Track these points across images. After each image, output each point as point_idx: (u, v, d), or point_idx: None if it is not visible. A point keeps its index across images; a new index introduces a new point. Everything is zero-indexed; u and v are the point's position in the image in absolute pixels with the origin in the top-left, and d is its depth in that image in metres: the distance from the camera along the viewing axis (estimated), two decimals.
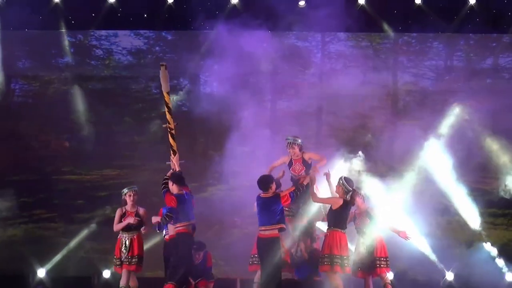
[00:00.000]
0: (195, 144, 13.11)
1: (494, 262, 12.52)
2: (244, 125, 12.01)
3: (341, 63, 13.16)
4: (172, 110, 10.28)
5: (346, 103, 12.93)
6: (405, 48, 13.32)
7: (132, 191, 10.21)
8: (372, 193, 11.33)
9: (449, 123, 13.01)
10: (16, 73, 13.56)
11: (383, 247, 10.04)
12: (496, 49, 13.34)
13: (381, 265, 9.92)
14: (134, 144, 13.58)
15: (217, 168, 12.18)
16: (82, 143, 13.41)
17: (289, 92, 13.14)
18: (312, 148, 11.53)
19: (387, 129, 13.12)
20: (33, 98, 13.57)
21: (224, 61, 12.67)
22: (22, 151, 13.40)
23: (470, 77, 13.12)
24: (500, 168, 13.10)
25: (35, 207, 13.14)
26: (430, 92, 13.22)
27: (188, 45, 13.35)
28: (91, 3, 13.16)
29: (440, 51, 13.29)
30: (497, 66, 13.27)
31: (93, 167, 13.19)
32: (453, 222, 12.77)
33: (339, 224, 9.55)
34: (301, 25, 12.74)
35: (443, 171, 12.73)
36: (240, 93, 12.23)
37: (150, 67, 13.38)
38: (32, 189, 13.33)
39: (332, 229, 9.54)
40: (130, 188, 10.25)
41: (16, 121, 13.36)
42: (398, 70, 13.27)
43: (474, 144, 13.00)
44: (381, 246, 10.02)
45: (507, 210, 13.02)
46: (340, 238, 9.59)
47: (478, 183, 13.01)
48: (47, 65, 13.58)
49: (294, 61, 12.94)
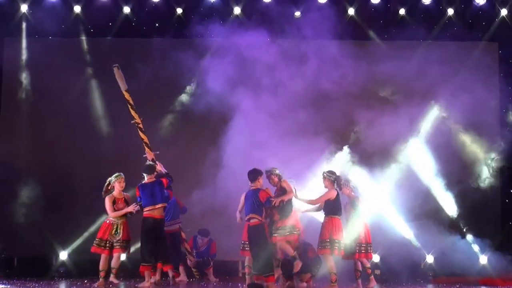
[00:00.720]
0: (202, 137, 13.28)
1: (470, 246, 12.99)
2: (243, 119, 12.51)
3: (332, 66, 12.94)
4: (134, 106, 10.72)
5: (336, 102, 13.10)
6: (390, 53, 13.24)
7: (120, 178, 10.52)
8: (360, 184, 11.79)
9: (429, 120, 13.38)
10: (39, 76, 13.65)
11: (367, 234, 10.54)
12: (470, 54, 13.56)
13: (361, 250, 10.44)
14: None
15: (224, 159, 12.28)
16: (99, 140, 13.54)
17: (285, 91, 13.06)
18: (304, 143, 12.05)
19: (373, 125, 13.20)
20: (55, 98, 13.51)
21: (225, 63, 12.88)
22: (48, 143, 13.57)
23: (448, 79, 13.16)
24: (474, 160, 13.45)
25: (58, 193, 13.24)
26: (412, 92, 13.16)
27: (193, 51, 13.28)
28: (108, 13, 13.49)
29: (421, 56, 13.33)
30: (470, 69, 13.22)
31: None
32: (433, 210, 13.05)
33: (336, 212, 10.24)
34: (297, 33, 13.02)
35: (423, 163, 13.15)
36: (239, 91, 12.66)
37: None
38: (55, 176, 13.49)
39: (331, 216, 10.18)
40: (118, 175, 10.53)
41: (40, 119, 13.58)
42: (382, 74, 13.22)
43: (450, 139, 13.41)
44: (366, 233, 10.53)
45: (481, 199, 13.18)
46: (337, 223, 10.26)
47: (455, 174, 13.19)
48: (67, 69, 13.56)
49: (289, 63, 12.95)
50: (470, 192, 13.26)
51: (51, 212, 13.05)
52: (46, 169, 13.60)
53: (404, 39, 13.35)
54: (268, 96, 12.78)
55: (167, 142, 13.21)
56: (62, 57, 13.38)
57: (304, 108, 12.97)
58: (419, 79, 13.22)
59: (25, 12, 13.48)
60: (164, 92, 13.78)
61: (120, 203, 10.48)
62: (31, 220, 13.15)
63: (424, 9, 13.51)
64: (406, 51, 13.35)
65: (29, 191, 13.32)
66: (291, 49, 13.04)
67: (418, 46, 13.58)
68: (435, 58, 13.15)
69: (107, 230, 10.44)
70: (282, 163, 10.93)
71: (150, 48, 13.41)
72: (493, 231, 13.27)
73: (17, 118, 13.79)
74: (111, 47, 13.77)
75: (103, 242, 10.36)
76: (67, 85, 13.56)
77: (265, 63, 12.83)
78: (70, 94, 13.56)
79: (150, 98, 13.33)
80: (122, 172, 10.66)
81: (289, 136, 12.35)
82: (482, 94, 13.07)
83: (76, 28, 13.68)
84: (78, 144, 13.55)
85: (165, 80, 13.44)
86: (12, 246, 13.23)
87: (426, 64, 13.19)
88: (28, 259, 13.21)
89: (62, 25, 13.57)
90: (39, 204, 13.24)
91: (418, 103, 13.21)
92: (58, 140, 13.58)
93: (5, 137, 13.71)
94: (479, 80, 13.12)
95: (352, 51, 13.02)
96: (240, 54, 12.87)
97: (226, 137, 12.44)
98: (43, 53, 13.44)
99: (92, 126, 13.58)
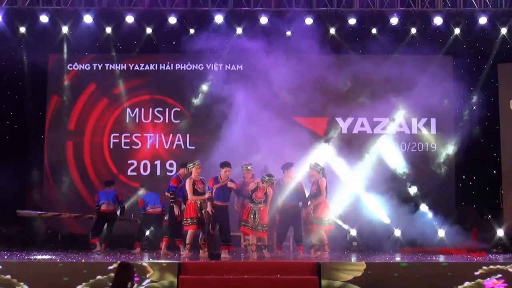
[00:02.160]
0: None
1: (430, 222, 13.75)
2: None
3: (318, 72, 13.71)
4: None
5: (316, 103, 14.05)
6: (363, 64, 14.03)
7: (198, 165, 11.39)
8: (339, 172, 13.40)
9: (397, 117, 14.49)
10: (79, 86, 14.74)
11: (322, 210, 11.54)
12: (429, 65, 14.29)
13: (312, 223, 11.52)
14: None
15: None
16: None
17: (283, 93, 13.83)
18: (288, 138, 13.05)
19: (349, 123, 14.49)
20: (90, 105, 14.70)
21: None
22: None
23: (411, 85, 14.00)
24: (432, 152, 14.58)
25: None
26: (382, 95, 14.04)
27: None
28: (134, 34, 14.44)
29: (390, 66, 13.92)
30: (429, 77, 14.10)
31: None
32: (401, 192, 13.89)
33: (327, 195, 11.62)
34: (289, 47, 13.79)
35: (390, 154, 14.29)
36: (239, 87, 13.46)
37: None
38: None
39: (324, 199, 11.54)
40: (195, 162, 11.40)
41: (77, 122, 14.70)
42: (357, 80, 14.23)
43: (413, 134, 14.61)
44: (322, 208, 11.54)
45: (439, 183, 14.19)
46: (328, 205, 11.67)
47: (416, 162, 14.25)
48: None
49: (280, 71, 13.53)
50: (430, 177, 14.19)
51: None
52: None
53: (375, 53, 14.15)
54: (259, 92, 13.41)
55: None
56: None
57: (290, 98, 13.86)
58: (388, 84, 14.02)
59: (65, 32, 14.38)
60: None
61: (199, 184, 11.31)
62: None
63: (392, 28, 14.29)
64: (378, 62, 14.11)
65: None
66: (283, 62, 13.58)
67: (387, 59, 14.29)
68: (401, 68, 13.77)
69: (193, 209, 11.26)
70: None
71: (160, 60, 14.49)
72: (449, 210, 14.09)
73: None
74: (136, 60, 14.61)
75: (194, 219, 11.21)
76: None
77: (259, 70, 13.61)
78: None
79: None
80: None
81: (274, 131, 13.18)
82: (440, 97, 14.18)
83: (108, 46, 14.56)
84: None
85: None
86: (56, 224, 14.20)
87: (394, 73, 13.74)
88: (71, 234, 14.10)
89: (96, 43, 14.54)
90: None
91: (387, 104, 14.13)
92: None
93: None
94: (437, 86, 14.06)
95: (333, 62, 13.91)
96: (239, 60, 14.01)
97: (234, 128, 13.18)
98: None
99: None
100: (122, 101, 14.90)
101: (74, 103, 14.83)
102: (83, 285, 10.05)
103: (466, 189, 14.65)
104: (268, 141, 12.99)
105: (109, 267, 10.05)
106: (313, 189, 11.76)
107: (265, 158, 12.14)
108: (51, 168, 14.67)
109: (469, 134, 14.42)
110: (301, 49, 13.75)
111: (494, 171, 14.49)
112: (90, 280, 10.04)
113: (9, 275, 10.06)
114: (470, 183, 14.71)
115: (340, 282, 9.98)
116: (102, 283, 9.92)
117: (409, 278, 10.07)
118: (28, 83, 14.69)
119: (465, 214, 14.22)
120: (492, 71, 14.45)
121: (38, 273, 10.10)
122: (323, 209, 11.61)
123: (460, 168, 14.64)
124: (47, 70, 14.83)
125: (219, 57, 14.53)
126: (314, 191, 11.71)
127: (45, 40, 14.47)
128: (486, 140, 14.55)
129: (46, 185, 14.60)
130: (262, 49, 13.79)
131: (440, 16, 14.08)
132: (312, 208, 11.60)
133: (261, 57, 13.85)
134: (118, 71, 14.84)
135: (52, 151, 14.68)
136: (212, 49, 14.13)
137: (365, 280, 9.99)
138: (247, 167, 11.87)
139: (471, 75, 14.38)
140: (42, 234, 14.06)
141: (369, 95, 14.44)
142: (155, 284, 10.07)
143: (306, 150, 13.34)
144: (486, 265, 10.12)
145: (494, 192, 14.34)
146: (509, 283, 10.04)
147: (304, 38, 13.69)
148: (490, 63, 14.50)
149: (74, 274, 9.99)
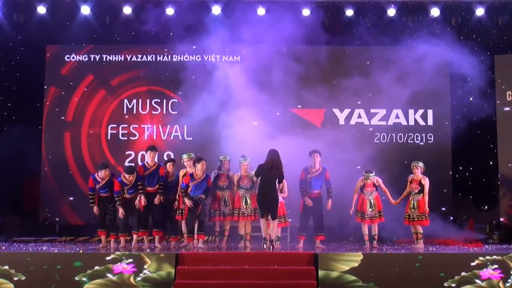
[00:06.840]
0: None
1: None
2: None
3: (315, 64, 14.20)
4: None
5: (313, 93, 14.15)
6: (362, 56, 14.40)
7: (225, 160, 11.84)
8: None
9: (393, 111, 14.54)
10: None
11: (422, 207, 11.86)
12: (427, 56, 14.10)
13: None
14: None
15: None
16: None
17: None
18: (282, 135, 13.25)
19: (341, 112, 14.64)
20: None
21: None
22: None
23: (408, 78, 14.07)
24: (429, 143, 14.59)
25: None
26: (379, 88, 14.20)
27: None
28: (131, 25, 14.39)
29: (388, 58, 14.15)
30: (428, 69, 14.13)
31: None
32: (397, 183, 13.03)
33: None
34: (286, 38, 13.70)
35: (386, 149, 14.35)
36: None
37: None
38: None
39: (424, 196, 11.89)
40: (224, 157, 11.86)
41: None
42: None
43: (409, 127, 14.59)
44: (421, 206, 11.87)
45: (436, 176, 13.45)
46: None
47: (414, 153, 13.90)
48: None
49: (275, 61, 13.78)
50: (426, 169, 12.86)
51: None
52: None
53: (372, 44, 14.38)
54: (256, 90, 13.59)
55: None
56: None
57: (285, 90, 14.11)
58: (385, 75, 14.21)
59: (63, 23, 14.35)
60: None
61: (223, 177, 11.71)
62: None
63: (389, 19, 14.32)
64: (375, 53, 14.49)
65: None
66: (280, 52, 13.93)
67: (384, 50, 14.52)
68: (398, 59, 14.11)
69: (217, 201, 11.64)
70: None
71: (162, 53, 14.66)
72: (446, 200, 14.27)
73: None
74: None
75: (216, 211, 11.65)
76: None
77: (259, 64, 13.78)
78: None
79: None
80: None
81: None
82: (437, 88, 14.47)
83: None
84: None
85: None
86: (54, 215, 14.37)
87: (391, 64, 14.14)
88: (68, 225, 14.27)
89: (94, 34, 14.64)
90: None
91: (384, 95, 14.33)
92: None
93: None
94: (434, 77, 14.37)
95: (329, 53, 14.40)
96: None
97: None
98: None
99: None
100: (120, 92, 14.94)
101: (71, 94, 14.86)
102: (80, 275, 10.16)
103: (463, 180, 14.80)
104: (266, 133, 13.23)
105: (107, 257, 10.17)
106: (414, 187, 12.09)
107: (262, 149, 11.85)
108: (49, 159, 14.66)
109: (466, 126, 14.44)
110: (298, 40, 13.93)
111: (491, 162, 14.59)
112: (87, 270, 10.15)
113: (7, 266, 10.19)
114: (466, 174, 14.89)
115: (337, 272, 10.11)
116: (100, 274, 10.07)
117: (406, 268, 10.17)
118: (26, 74, 14.80)
119: (462, 205, 14.44)
120: (489, 62, 14.45)
121: (35, 264, 10.17)
122: (422, 206, 11.94)
123: (456, 159, 14.73)
124: (45, 61, 14.84)
125: (217, 48, 14.57)
126: (417, 188, 12.04)
127: (43, 31, 14.50)
128: (483, 131, 14.65)
129: (44, 176, 14.60)
130: (259, 40, 13.87)
131: (437, 7, 14.14)
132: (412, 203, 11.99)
133: (258, 48, 14.04)
134: (116, 62, 14.92)
135: (50, 142, 14.69)
136: (210, 40, 14.08)
137: (362, 271, 10.09)
138: (245, 159, 11.99)
139: (468, 67, 14.28)
140: (40, 225, 14.17)
141: (367, 87, 14.59)
142: (153, 274, 10.16)
143: (303, 140, 13.51)
144: (483, 256, 10.23)
145: (491, 183, 14.40)
146: (505, 273, 10.15)
147: (302, 29, 13.79)
148: (487, 54, 14.51)
149: (71, 265, 10.15)
